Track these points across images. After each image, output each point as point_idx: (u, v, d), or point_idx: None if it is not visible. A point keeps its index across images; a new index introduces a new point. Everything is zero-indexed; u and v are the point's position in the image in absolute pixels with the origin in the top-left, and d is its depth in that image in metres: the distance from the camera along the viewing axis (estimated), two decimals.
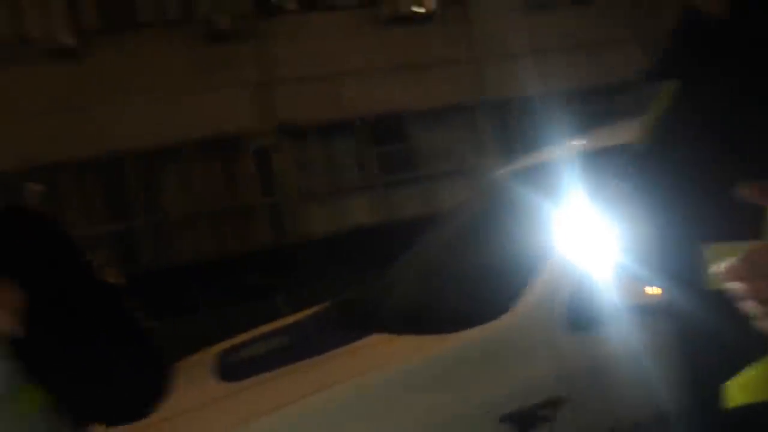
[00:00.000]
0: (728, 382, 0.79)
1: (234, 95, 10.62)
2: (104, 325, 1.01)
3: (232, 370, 2.20)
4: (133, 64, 10.16)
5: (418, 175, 11.38)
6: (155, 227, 10.62)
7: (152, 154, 10.46)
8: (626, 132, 1.73)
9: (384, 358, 1.87)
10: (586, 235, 1.90)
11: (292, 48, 10.83)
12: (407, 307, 2.26)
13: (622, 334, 1.73)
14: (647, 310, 1.57)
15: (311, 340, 2.31)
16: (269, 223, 11.06)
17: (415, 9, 11.04)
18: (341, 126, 11.13)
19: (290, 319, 2.80)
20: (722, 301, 0.70)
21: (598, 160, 2.01)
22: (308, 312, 2.76)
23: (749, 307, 0.67)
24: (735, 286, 0.67)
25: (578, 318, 1.82)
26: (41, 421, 1.00)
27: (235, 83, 10.63)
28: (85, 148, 10.03)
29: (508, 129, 11.52)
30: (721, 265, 0.68)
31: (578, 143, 2.46)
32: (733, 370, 0.77)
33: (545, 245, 1.93)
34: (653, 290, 1.45)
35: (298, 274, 9.54)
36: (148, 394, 1.05)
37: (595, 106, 9.99)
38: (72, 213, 9.78)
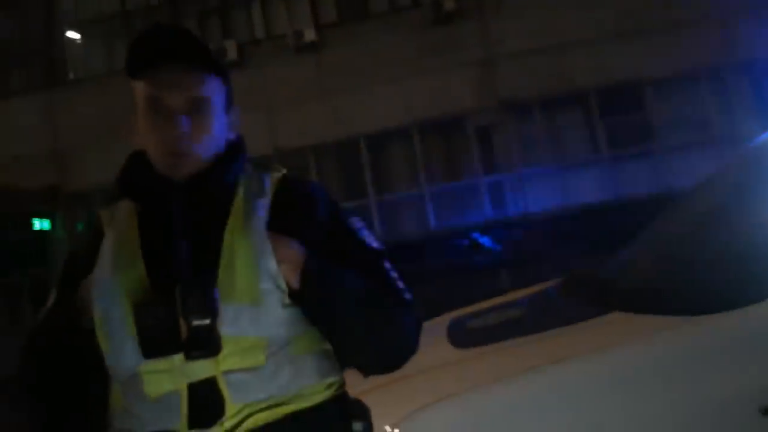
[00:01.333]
0: None
1: (457, 75, 10.79)
2: (371, 282, 1.11)
3: (464, 337, 2.26)
4: (366, 52, 10.84)
5: (653, 149, 10.49)
6: (384, 205, 11.27)
7: (382, 136, 11.10)
8: None
9: (626, 337, 1.78)
10: None
11: (515, 23, 10.65)
12: (651, 286, 2.11)
13: None
14: None
15: (544, 314, 2.28)
16: (491, 200, 11.09)
17: None
18: (567, 99, 10.69)
19: (520, 293, 2.78)
20: None
21: None
22: (539, 287, 2.72)
23: None
24: None
25: None
26: (311, 363, 1.13)
27: (458, 63, 10.78)
28: (324, 133, 10.99)
29: (764, 93, 10.07)
30: None
31: None
32: None
33: None
34: None
35: (520, 251, 9.46)
36: (406, 349, 1.13)
37: None
38: None
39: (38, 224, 11.20)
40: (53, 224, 11.43)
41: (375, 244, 1.16)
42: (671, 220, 2.53)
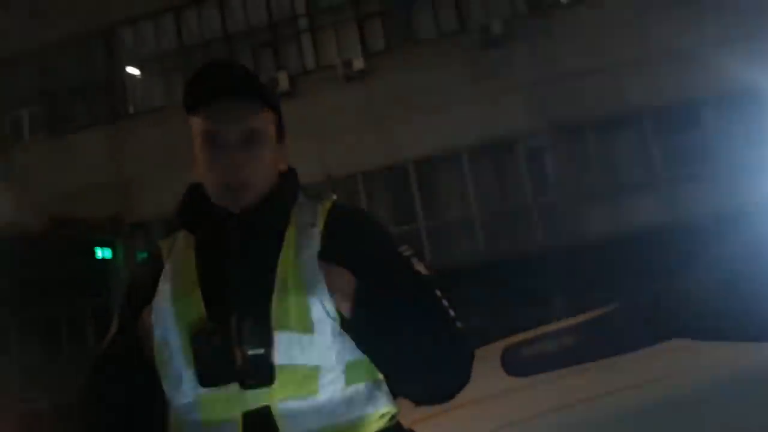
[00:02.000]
0: None
1: (507, 98, 10.74)
2: (422, 310, 1.10)
3: (519, 365, 2.22)
4: (414, 78, 10.92)
5: (711, 169, 10.13)
6: (434, 230, 11.24)
7: (432, 161, 11.11)
8: None
9: (686, 364, 1.71)
10: None
11: (566, 44, 10.56)
12: (714, 312, 2.04)
13: None
14: None
15: (600, 341, 2.22)
16: (544, 224, 10.91)
17: None
18: (621, 119, 10.48)
19: (575, 320, 2.72)
20: None
21: None
22: (594, 314, 2.66)
23: None
24: None
25: None
26: (364, 393, 1.12)
27: (508, 86, 10.74)
28: (373, 159, 11.08)
29: None
30: None
31: None
32: None
33: None
34: None
35: (575, 276, 9.24)
36: (459, 378, 1.12)
37: None
38: None
39: (101, 253, 11.62)
40: (114, 253, 11.84)
41: (425, 272, 1.16)
42: (733, 243, 2.44)
